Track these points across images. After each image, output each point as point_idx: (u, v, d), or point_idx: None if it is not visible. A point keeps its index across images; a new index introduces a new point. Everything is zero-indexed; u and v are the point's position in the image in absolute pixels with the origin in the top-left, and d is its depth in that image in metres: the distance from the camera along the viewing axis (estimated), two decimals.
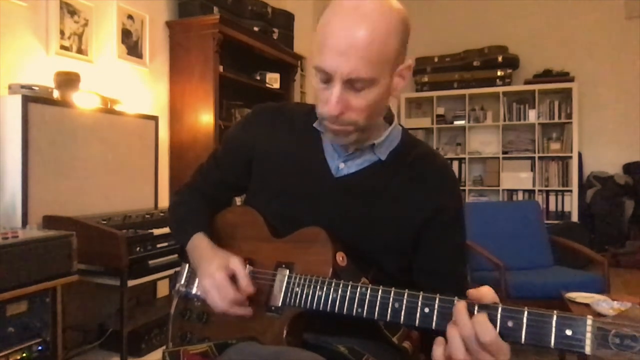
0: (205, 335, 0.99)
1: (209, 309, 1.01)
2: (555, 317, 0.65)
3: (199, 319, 1.01)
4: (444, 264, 0.96)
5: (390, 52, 0.84)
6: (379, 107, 0.90)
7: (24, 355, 1.63)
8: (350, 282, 0.83)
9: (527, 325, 0.66)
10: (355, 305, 0.81)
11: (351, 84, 0.83)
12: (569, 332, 0.64)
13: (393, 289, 0.79)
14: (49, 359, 1.71)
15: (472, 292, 0.71)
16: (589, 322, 0.63)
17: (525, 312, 0.67)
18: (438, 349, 0.72)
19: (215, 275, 0.91)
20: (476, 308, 0.70)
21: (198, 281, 0.98)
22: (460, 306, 0.71)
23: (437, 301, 0.74)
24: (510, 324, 0.68)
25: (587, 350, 0.62)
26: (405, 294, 0.77)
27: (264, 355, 0.82)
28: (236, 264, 0.93)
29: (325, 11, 0.86)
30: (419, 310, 0.76)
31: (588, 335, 0.62)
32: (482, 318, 0.68)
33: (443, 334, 0.73)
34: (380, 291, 0.80)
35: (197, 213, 1.09)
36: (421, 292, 0.76)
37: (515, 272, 2.85)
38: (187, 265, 1.09)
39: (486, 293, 0.71)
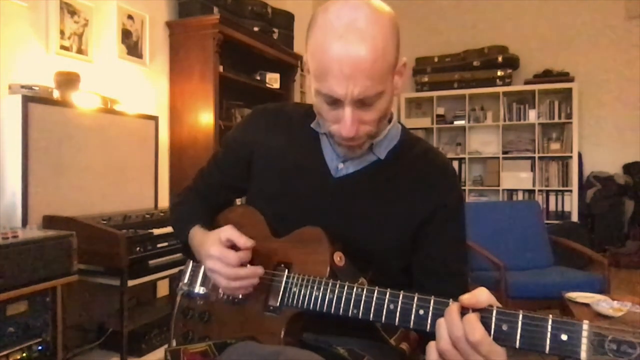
0: (207, 334, 1.00)
1: (211, 308, 1.01)
2: (550, 321, 0.63)
3: (201, 318, 1.02)
4: (444, 262, 0.96)
5: (391, 60, 0.83)
6: (388, 112, 0.90)
7: (24, 355, 1.63)
8: (347, 283, 0.83)
9: (521, 329, 0.65)
10: (351, 306, 0.81)
11: (361, 102, 0.83)
12: (564, 337, 0.62)
13: (389, 290, 0.79)
14: (49, 359, 1.71)
15: (466, 298, 0.69)
16: (585, 327, 0.61)
17: (520, 316, 0.66)
18: (432, 351, 0.71)
19: (211, 251, 0.92)
20: (470, 311, 0.69)
21: (203, 267, 0.98)
22: (453, 307, 0.70)
23: (431, 303, 0.74)
24: (504, 327, 0.66)
25: (583, 356, 0.60)
26: (401, 296, 0.77)
27: (262, 354, 0.82)
28: (227, 231, 0.93)
29: (314, 30, 0.83)
30: (413, 312, 0.75)
31: (584, 340, 0.61)
32: (472, 317, 0.67)
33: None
34: (375, 292, 0.80)
35: (196, 212, 1.09)
36: (416, 294, 0.76)
37: (515, 272, 2.85)
38: (191, 264, 1.09)
39: (481, 295, 0.69)
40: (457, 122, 5.59)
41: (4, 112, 2.06)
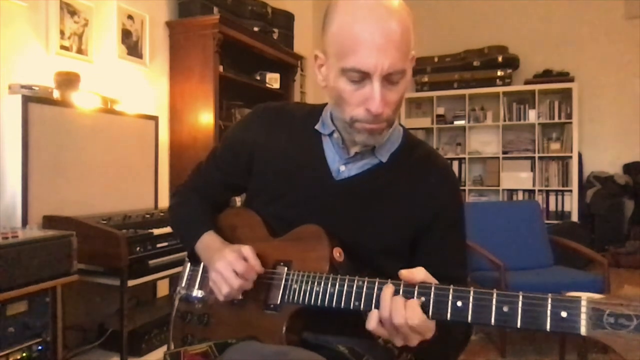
0: (206, 337, 0.99)
1: (210, 311, 1.01)
2: (550, 300, 0.66)
3: (200, 322, 1.02)
4: (445, 268, 0.95)
5: (411, 42, 0.86)
6: (402, 101, 0.91)
7: (24, 355, 1.63)
8: (347, 276, 0.84)
9: (522, 309, 0.67)
10: (353, 299, 0.82)
11: (388, 79, 0.83)
12: (564, 314, 0.64)
13: (390, 280, 0.80)
14: (49, 359, 1.71)
15: (404, 275, 0.78)
16: (584, 302, 0.63)
17: (521, 297, 0.68)
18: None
19: (227, 256, 0.93)
20: (401, 290, 0.76)
21: (209, 269, 0.98)
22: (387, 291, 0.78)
23: (432, 290, 0.75)
24: (505, 308, 0.68)
25: (583, 331, 0.62)
26: (402, 285, 0.78)
27: (264, 354, 0.82)
28: (248, 249, 0.94)
29: (336, 15, 0.85)
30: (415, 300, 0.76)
31: (583, 316, 0.63)
32: (400, 302, 0.75)
33: (442, 321, 0.75)
34: (377, 283, 0.80)
35: (202, 213, 1.09)
36: (418, 283, 0.77)
37: (515, 272, 2.85)
38: (188, 268, 1.09)
39: (417, 274, 0.78)
40: (457, 122, 5.59)
41: (4, 112, 2.06)
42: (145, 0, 2.96)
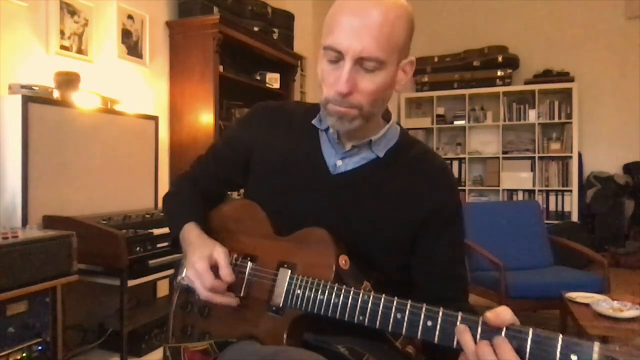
0: (207, 330, 0.99)
1: (210, 303, 1.01)
2: (560, 340, 0.63)
3: (200, 313, 1.01)
4: (442, 264, 0.96)
5: (399, 39, 0.86)
6: (384, 95, 0.91)
7: (24, 355, 1.63)
8: (352, 288, 0.82)
9: (531, 346, 0.65)
10: (357, 313, 0.81)
11: (361, 64, 0.84)
12: (574, 358, 0.62)
13: (396, 298, 0.78)
14: (49, 359, 1.71)
15: (491, 319, 0.68)
16: (596, 348, 0.61)
17: (530, 333, 0.65)
18: None
19: (196, 265, 0.92)
20: (478, 334, 0.69)
21: (185, 271, 0.98)
22: (462, 328, 0.70)
23: (440, 315, 0.73)
24: (514, 344, 0.66)
25: None
26: (408, 305, 0.76)
27: (263, 354, 0.82)
28: (219, 253, 0.93)
29: (332, 6, 0.88)
30: (421, 323, 0.75)
31: None
32: (501, 343, 0.67)
33: (447, 348, 0.72)
34: (382, 300, 0.79)
35: (190, 204, 1.10)
36: (424, 304, 0.76)
37: (515, 272, 2.85)
38: None
39: (504, 315, 0.68)
40: (457, 122, 5.60)
41: (4, 112, 2.06)
42: (145, 0, 2.96)
